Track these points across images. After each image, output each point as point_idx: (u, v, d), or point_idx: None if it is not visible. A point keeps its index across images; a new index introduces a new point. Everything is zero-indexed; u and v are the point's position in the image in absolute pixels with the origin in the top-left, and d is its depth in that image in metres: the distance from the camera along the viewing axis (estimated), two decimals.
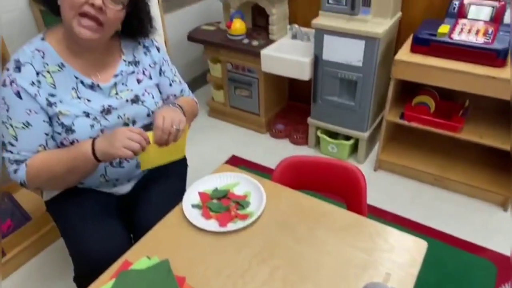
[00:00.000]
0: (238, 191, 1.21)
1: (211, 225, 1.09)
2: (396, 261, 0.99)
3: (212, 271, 0.98)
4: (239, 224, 1.09)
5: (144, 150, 1.10)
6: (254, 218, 1.10)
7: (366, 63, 2.11)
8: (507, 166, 2.06)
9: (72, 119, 1.17)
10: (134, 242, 1.14)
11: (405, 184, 2.29)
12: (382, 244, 1.04)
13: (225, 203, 1.16)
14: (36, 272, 1.85)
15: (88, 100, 1.20)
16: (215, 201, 1.17)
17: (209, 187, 1.22)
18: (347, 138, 2.43)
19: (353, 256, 1.01)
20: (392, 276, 0.95)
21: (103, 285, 0.95)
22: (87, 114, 1.19)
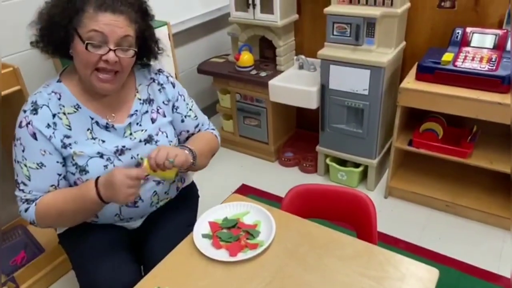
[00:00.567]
0: (247, 220, 1.22)
1: (222, 255, 1.10)
2: None
3: None
4: (249, 253, 1.09)
5: None
6: (264, 247, 1.10)
7: (372, 92, 2.14)
8: None
9: (86, 160, 1.18)
10: (144, 273, 1.15)
11: (416, 211, 2.27)
12: (392, 272, 1.03)
13: (235, 233, 1.16)
14: None
15: (102, 140, 1.21)
16: (225, 230, 1.18)
17: (219, 217, 1.23)
18: (357, 165, 2.43)
19: (363, 285, 1.00)
20: None
21: None
22: (101, 155, 1.20)
